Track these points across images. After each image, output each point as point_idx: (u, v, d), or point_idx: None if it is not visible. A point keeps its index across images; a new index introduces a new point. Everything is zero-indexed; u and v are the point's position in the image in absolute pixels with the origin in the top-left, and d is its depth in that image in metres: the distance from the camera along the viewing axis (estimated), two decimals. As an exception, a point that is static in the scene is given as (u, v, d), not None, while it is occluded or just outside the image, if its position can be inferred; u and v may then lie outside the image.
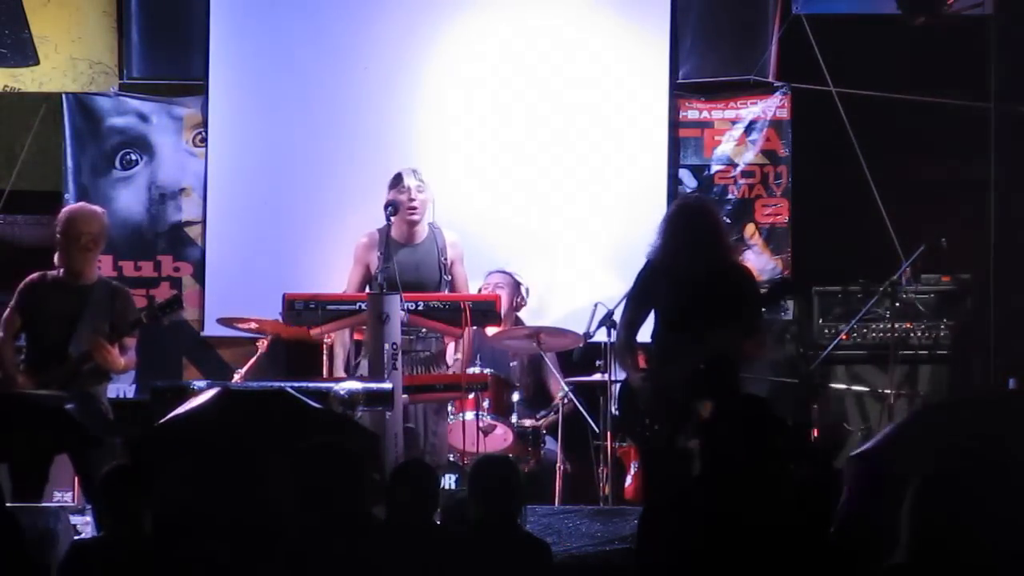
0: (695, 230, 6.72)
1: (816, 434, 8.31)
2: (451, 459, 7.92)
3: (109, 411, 7.35)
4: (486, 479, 5.05)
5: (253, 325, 7.91)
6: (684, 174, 9.22)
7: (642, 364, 6.90)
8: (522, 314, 8.63)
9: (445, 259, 7.60)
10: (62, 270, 7.33)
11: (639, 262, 6.95)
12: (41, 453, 7.04)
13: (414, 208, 7.55)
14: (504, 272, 8.58)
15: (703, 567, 4.39)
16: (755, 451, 4.48)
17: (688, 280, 6.66)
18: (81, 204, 7.85)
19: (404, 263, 7.45)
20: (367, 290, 7.52)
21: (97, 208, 7.56)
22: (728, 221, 9.06)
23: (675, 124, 9.15)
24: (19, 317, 7.33)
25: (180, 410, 5.82)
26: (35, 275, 7.40)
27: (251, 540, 4.94)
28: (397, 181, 7.58)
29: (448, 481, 7.97)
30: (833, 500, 5.27)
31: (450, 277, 7.62)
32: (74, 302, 7.25)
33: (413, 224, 7.58)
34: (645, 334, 6.99)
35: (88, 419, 7.00)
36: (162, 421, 5.83)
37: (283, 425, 5.56)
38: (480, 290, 8.35)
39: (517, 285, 8.57)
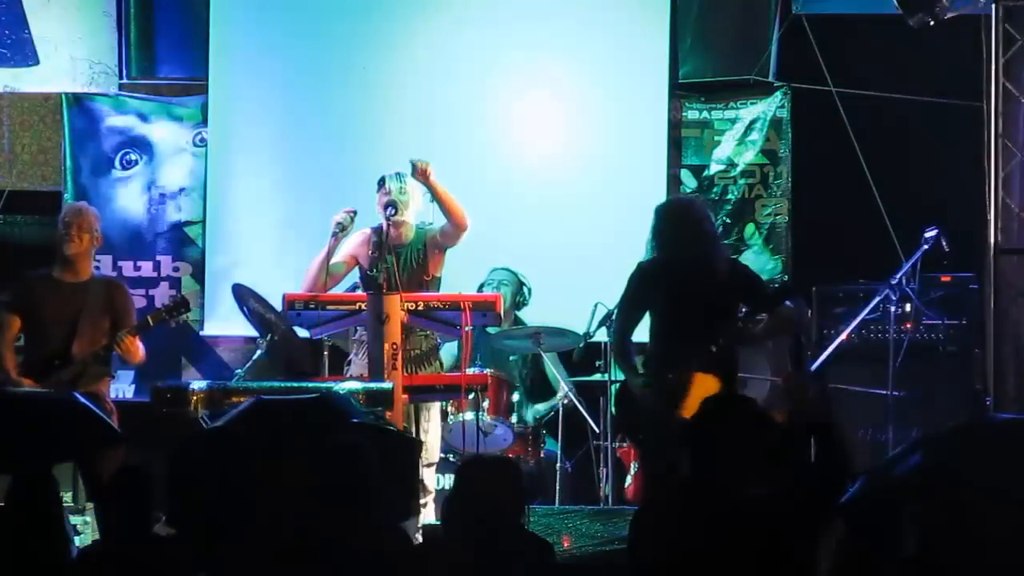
0: (687, 231, 6.67)
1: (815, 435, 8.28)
2: (451, 459, 7.92)
3: (114, 410, 7.32)
4: (488, 479, 5.04)
5: (271, 316, 7.74)
6: (684, 174, 9.22)
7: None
8: (522, 314, 8.62)
9: (424, 259, 7.60)
10: (57, 268, 7.25)
11: (638, 262, 6.94)
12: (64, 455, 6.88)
13: (395, 211, 7.57)
14: (507, 270, 8.57)
15: (696, 567, 4.39)
16: (741, 452, 4.46)
17: (685, 280, 6.63)
18: (83, 202, 7.83)
19: (392, 263, 7.51)
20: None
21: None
22: (728, 221, 9.07)
23: (675, 124, 9.16)
24: (17, 319, 7.26)
25: (219, 422, 5.74)
26: (26, 275, 7.33)
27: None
28: (380, 185, 7.60)
29: (448, 481, 7.98)
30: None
31: (430, 277, 7.61)
32: (73, 301, 7.19)
33: (396, 226, 7.60)
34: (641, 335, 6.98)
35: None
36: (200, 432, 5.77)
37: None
38: (482, 287, 8.36)
39: (520, 284, 8.56)
